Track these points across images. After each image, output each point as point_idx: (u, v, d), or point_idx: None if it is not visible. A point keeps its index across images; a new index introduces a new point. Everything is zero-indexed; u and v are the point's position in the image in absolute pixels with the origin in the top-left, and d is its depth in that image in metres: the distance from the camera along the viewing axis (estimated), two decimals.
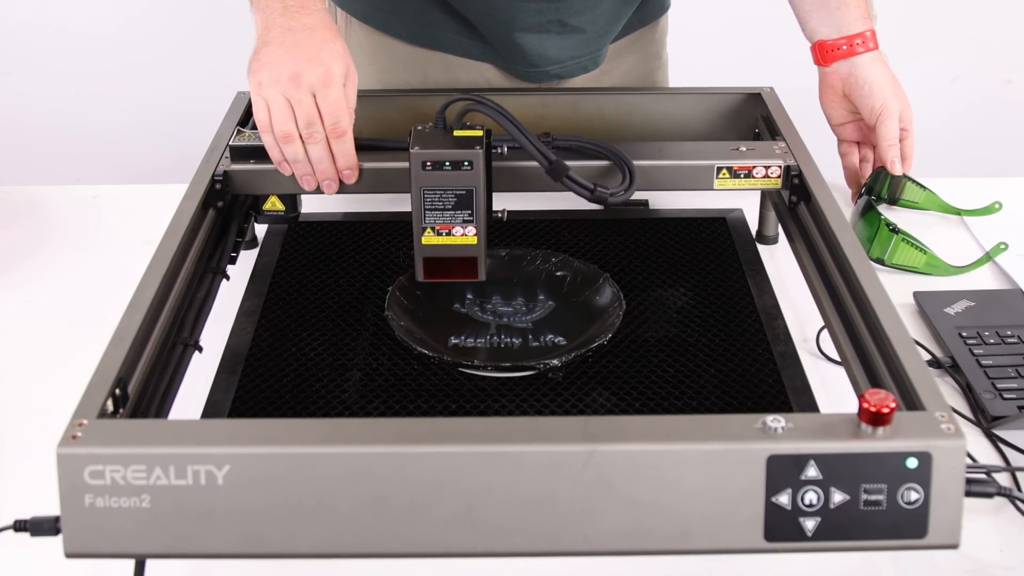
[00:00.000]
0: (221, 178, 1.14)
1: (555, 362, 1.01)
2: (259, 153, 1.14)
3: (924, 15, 2.73)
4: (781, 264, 1.27)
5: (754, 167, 1.16)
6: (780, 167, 1.17)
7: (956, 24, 2.75)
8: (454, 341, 1.06)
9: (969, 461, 0.98)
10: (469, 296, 1.13)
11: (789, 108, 1.30)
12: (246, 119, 1.23)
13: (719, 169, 1.16)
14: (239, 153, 1.16)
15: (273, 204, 1.21)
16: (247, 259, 1.24)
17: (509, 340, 1.07)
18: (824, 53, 1.36)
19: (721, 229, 1.30)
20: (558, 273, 1.16)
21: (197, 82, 2.60)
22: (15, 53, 2.73)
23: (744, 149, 1.19)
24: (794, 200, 1.16)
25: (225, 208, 1.15)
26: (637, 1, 1.47)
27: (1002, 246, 1.31)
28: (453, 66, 1.42)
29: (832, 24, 1.36)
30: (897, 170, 1.34)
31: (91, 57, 2.74)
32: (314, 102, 1.06)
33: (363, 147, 1.15)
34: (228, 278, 1.11)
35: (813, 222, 1.10)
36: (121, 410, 0.83)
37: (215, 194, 1.14)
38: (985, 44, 2.78)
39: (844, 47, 1.35)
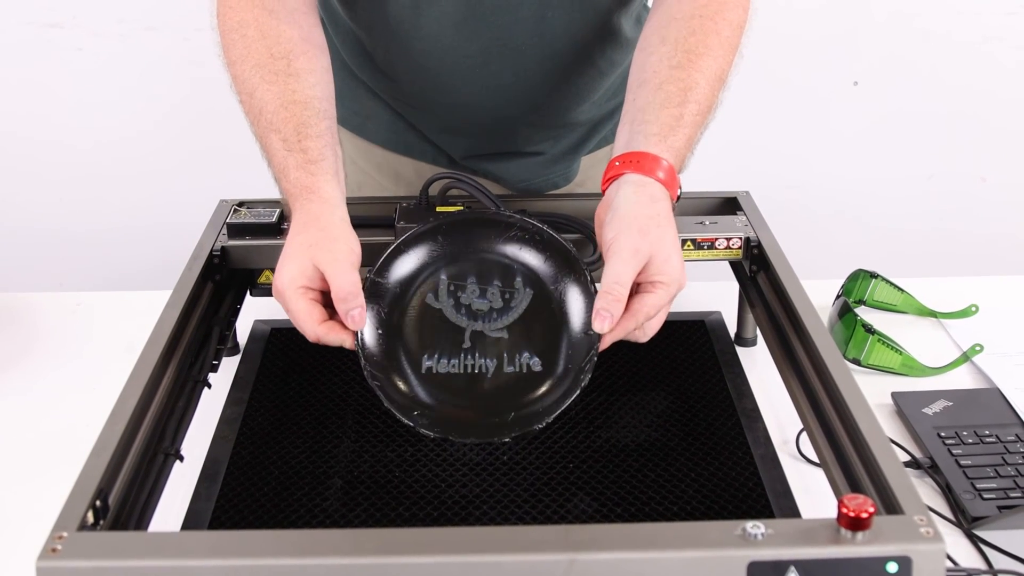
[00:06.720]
0: (219, 253, 1.21)
1: (536, 428, 0.99)
2: (254, 230, 1.23)
3: (901, 114, 2.79)
4: (760, 366, 1.28)
5: (716, 239, 1.24)
6: (741, 239, 1.24)
7: (933, 123, 2.81)
8: (427, 363, 1.04)
9: (950, 564, 0.98)
10: (443, 276, 1.10)
11: (765, 208, 1.31)
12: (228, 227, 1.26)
13: (684, 241, 1.23)
14: (236, 230, 1.24)
15: (267, 278, 1.26)
16: (229, 365, 1.24)
17: (483, 363, 1.04)
18: (604, 175, 1.11)
19: (700, 332, 1.31)
20: (533, 250, 1.11)
21: (180, 190, 2.63)
22: None
23: (708, 223, 1.26)
24: (754, 269, 1.24)
25: (223, 281, 1.22)
26: (604, 129, 1.50)
27: (977, 348, 1.33)
28: (425, 172, 1.44)
29: (622, 141, 1.12)
30: (596, 327, 0.98)
31: (74, 164, 2.76)
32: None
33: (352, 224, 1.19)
34: (210, 386, 1.11)
35: (771, 288, 1.18)
36: (102, 521, 0.83)
37: (213, 267, 1.21)
38: (960, 142, 2.83)
39: (617, 164, 1.09)
